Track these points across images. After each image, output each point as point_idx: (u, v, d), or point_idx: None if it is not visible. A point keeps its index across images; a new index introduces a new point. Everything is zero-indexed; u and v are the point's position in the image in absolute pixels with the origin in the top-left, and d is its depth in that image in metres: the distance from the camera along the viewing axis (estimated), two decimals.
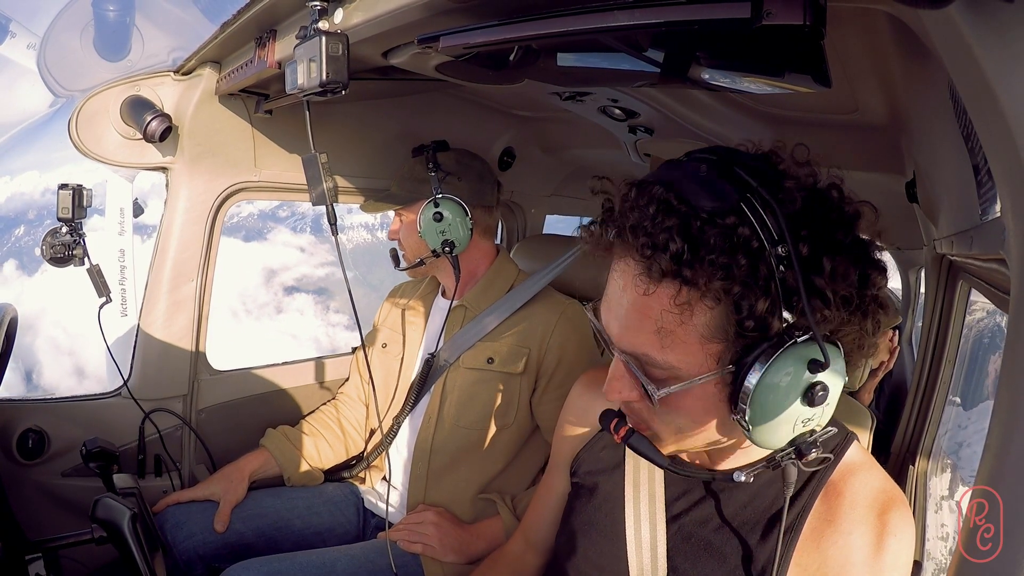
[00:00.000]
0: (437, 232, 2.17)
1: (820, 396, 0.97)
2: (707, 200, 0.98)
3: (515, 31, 1.03)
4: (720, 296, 0.97)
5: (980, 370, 3.60)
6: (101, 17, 6.82)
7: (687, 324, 1.01)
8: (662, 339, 1.03)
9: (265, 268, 17.90)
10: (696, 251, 0.96)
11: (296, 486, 2.34)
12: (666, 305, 1.01)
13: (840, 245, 0.98)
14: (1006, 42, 0.58)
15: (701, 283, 0.97)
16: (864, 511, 1.17)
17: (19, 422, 2.16)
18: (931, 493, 2.28)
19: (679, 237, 0.96)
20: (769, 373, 0.97)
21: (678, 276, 0.98)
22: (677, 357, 1.04)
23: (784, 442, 1.04)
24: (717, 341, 1.01)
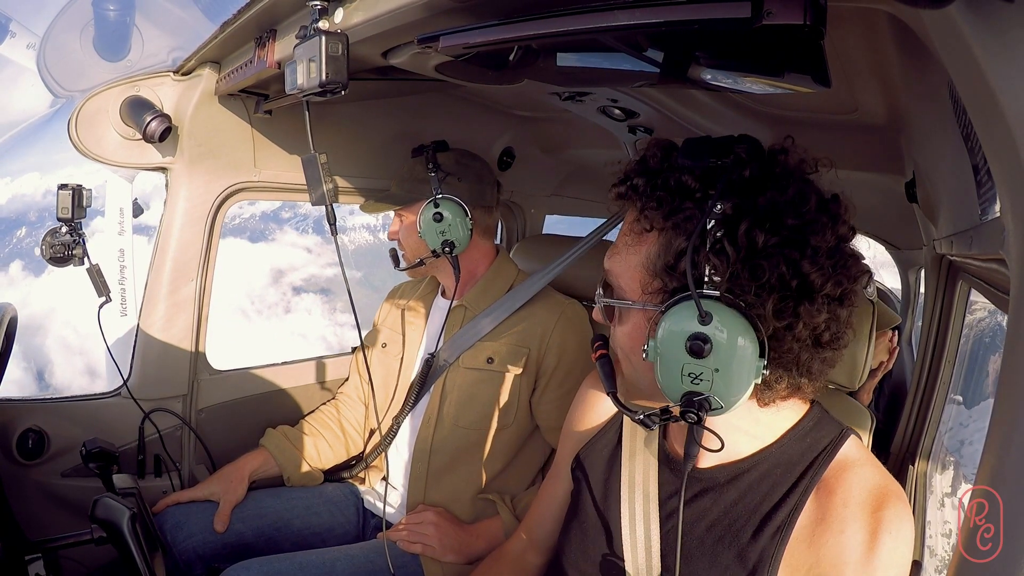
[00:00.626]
0: (437, 232, 2.17)
1: (698, 347, 1.03)
2: (685, 157, 1.13)
3: (515, 31, 1.03)
4: (657, 228, 1.14)
5: (982, 368, 3.61)
6: (101, 17, 6.82)
7: (635, 251, 1.17)
8: (616, 257, 1.22)
9: (272, 269, 17.99)
10: (651, 186, 1.14)
11: (296, 486, 2.34)
12: (627, 228, 1.21)
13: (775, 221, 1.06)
14: (1006, 42, 0.58)
15: (649, 213, 1.14)
16: (857, 508, 1.15)
17: (19, 422, 2.16)
18: (934, 490, 2.28)
19: (643, 175, 1.16)
20: (669, 313, 1.08)
21: (635, 204, 1.17)
22: (624, 279, 1.20)
23: (678, 393, 1.08)
24: (650, 273, 1.15)
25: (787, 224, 1.06)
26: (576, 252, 2.29)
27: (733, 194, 1.07)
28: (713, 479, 1.27)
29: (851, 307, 1.14)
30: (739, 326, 1.04)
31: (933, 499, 2.29)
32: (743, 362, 1.04)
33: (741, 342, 1.04)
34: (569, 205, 3.50)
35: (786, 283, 1.05)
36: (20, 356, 14.16)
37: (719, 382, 1.05)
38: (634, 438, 1.40)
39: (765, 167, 1.10)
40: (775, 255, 1.05)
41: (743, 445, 1.26)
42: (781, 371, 1.12)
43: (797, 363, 1.12)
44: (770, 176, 1.10)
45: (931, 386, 2.15)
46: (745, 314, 1.04)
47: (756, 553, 1.20)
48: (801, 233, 1.06)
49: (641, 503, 1.33)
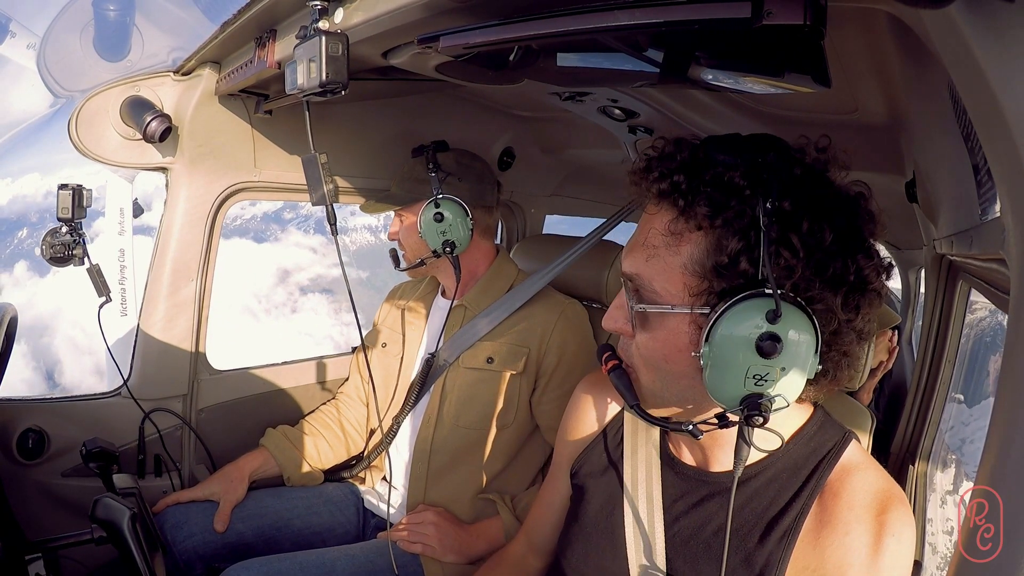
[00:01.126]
0: (438, 232, 2.17)
1: (770, 347, 1.00)
2: (723, 155, 1.10)
3: (515, 31, 1.03)
4: (704, 227, 1.09)
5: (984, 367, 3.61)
6: (101, 17, 6.81)
7: (675, 252, 1.12)
8: (652, 261, 1.14)
9: (279, 269, 18.06)
10: (694, 183, 1.09)
11: (296, 486, 2.34)
12: (662, 228, 1.13)
13: (830, 218, 1.06)
14: (1006, 42, 0.58)
15: (692, 213, 1.09)
16: (862, 511, 1.16)
17: (19, 422, 2.16)
18: (936, 488, 2.27)
19: (682, 171, 1.10)
20: (729, 314, 1.04)
21: (675, 203, 1.10)
22: (661, 283, 1.13)
23: (736, 397, 1.05)
24: (696, 276, 1.10)
25: (840, 221, 1.07)
26: (576, 252, 2.29)
27: (786, 192, 1.06)
28: (720, 484, 1.27)
29: (882, 299, 1.16)
30: (805, 323, 1.03)
31: (935, 497, 2.29)
32: (807, 359, 1.04)
33: (807, 339, 1.03)
34: (569, 205, 3.50)
35: (846, 278, 1.07)
36: (30, 356, 14.25)
37: (784, 381, 1.04)
38: (636, 441, 1.40)
39: (811, 166, 1.11)
40: (836, 250, 1.06)
41: (752, 448, 1.26)
42: (830, 364, 1.13)
43: (847, 355, 1.14)
44: (817, 174, 1.11)
45: (931, 386, 2.14)
46: (810, 310, 1.04)
47: (763, 557, 1.20)
48: (856, 230, 1.09)
49: (645, 507, 1.33)
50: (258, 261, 18.27)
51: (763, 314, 1.01)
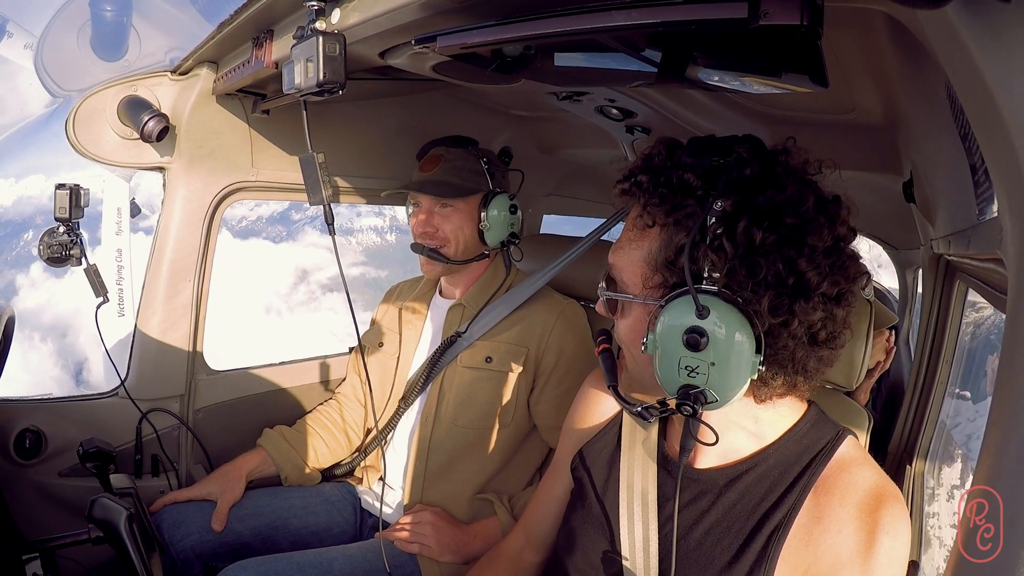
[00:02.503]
0: (507, 225, 2.19)
1: (694, 340, 1.06)
2: (688, 156, 1.16)
3: (512, 31, 1.03)
4: (659, 224, 1.16)
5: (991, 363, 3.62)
6: (98, 17, 6.80)
7: (638, 245, 1.20)
8: (620, 252, 1.24)
9: (296, 268, 18.16)
10: (654, 182, 1.16)
11: (293, 486, 2.34)
12: (630, 223, 1.23)
13: (773, 219, 1.08)
14: (1003, 42, 0.58)
15: (651, 211, 1.16)
16: (855, 508, 1.16)
17: (16, 422, 2.16)
18: (944, 483, 2.28)
19: (647, 171, 1.18)
20: (668, 307, 1.11)
21: (639, 200, 1.19)
22: (627, 273, 1.22)
23: (674, 386, 1.12)
24: (651, 268, 1.18)
25: (785, 223, 1.07)
26: (575, 252, 2.29)
27: (734, 192, 1.09)
28: (712, 481, 1.28)
29: (848, 307, 1.15)
30: (735, 321, 1.06)
31: (942, 492, 2.30)
32: (740, 357, 1.06)
33: (738, 337, 1.06)
34: (567, 205, 3.50)
35: (782, 280, 1.07)
36: (56, 355, 14.36)
37: (715, 376, 1.07)
38: (633, 439, 1.40)
39: (766, 167, 1.12)
40: (772, 252, 1.06)
41: (742, 446, 1.26)
42: (777, 368, 1.13)
43: (793, 360, 1.13)
44: (771, 176, 1.11)
45: (928, 386, 2.15)
46: (742, 309, 1.06)
47: (754, 553, 1.20)
48: (799, 232, 1.07)
49: (640, 504, 1.33)
50: (275, 261, 18.41)
51: (693, 310, 1.07)
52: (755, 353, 1.07)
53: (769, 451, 1.25)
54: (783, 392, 1.19)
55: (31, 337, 14.72)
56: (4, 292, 15.65)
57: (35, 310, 15.22)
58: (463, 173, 2.22)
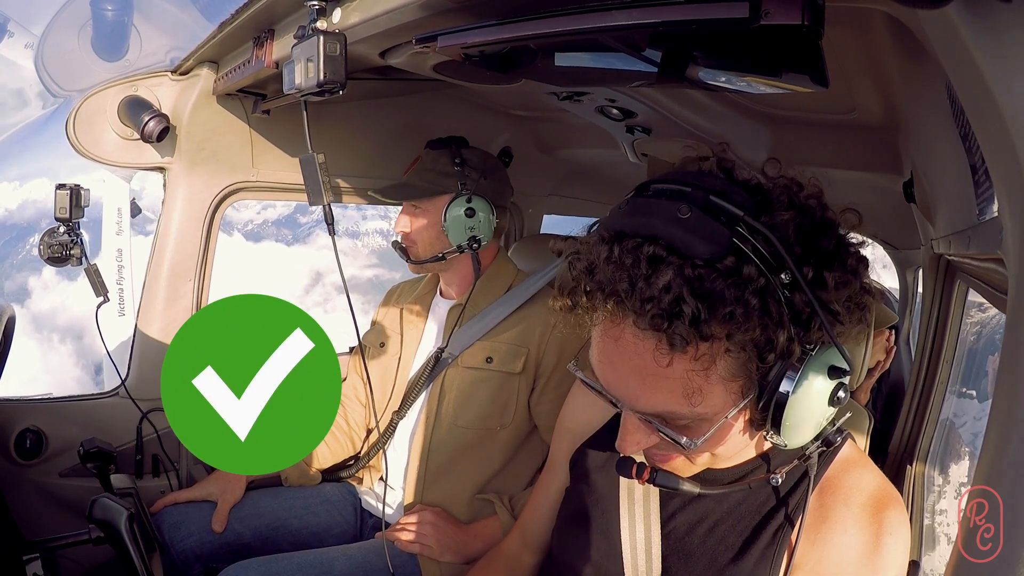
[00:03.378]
0: (465, 228, 2.17)
1: (841, 397, 1.04)
2: (701, 246, 0.93)
3: (513, 31, 1.03)
4: (742, 343, 0.95)
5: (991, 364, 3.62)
6: (99, 17, 6.80)
7: (710, 374, 0.99)
8: (689, 397, 1.00)
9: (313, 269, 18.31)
10: (712, 308, 0.92)
11: (294, 486, 2.34)
12: (688, 366, 0.98)
13: (830, 255, 0.98)
14: (1004, 42, 0.58)
15: (721, 336, 0.94)
16: (859, 509, 1.17)
17: (17, 422, 2.16)
18: (951, 480, 2.27)
19: (692, 298, 0.91)
20: (799, 389, 0.99)
21: (697, 337, 0.93)
22: (704, 407, 1.01)
23: (810, 439, 1.10)
24: (739, 379, 1.00)
25: (826, 249, 0.99)
26: None
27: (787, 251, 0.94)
28: (717, 480, 1.27)
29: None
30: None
31: (950, 489, 2.30)
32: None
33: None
34: (567, 205, 3.50)
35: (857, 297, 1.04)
36: (77, 356, 14.46)
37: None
38: None
39: (795, 202, 1.01)
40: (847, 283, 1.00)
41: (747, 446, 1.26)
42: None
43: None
44: (800, 206, 1.00)
45: (929, 386, 2.15)
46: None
47: (759, 552, 1.20)
48: (842, 245, 1.02)
49: (641, 504, 1.33)
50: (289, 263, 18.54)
51: (825, 371, 1.01)
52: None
53: (774, 450, 1.25)
54: None
55: (50, 339, 14.79)
56: (16, 295, 15.74)
57: (50, 312, 15.31)
58: (431, 175, 2.22)
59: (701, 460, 1.16)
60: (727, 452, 1.15)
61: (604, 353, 1.07)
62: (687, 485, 1.14)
